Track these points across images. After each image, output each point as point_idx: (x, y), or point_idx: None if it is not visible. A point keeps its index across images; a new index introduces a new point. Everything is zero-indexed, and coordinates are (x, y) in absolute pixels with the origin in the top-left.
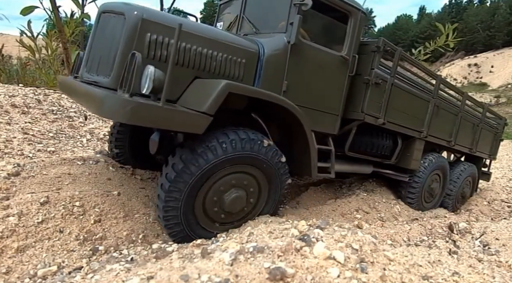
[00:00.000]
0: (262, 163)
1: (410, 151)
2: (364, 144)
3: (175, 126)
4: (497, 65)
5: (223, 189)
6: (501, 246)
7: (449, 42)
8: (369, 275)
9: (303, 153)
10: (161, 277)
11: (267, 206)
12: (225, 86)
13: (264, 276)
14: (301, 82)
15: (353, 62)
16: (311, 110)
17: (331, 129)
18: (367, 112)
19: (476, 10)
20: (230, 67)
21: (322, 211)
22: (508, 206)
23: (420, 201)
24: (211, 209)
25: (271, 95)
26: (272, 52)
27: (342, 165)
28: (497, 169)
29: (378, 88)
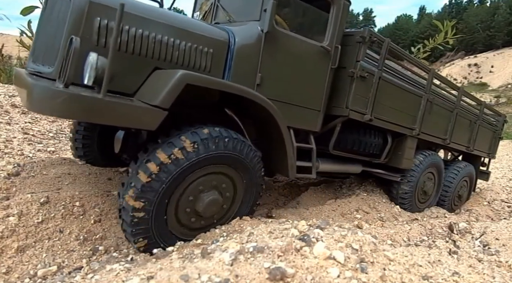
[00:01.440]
0: (237, 162)
1: (402, 149)
2: (351, 142)
3: (121, 121)
4: (497, 65)
5: (197, 192)
6: (501, 246)
7: (448, 39)
8: (369, 275)
9: (280, 152)
10: (161, 277)
11: (241, 208)
12: (181, 77)
13: (264, 276)
14: (277, 74)
15: (335, 53)
16: (289, 105)
17: (312, 126)
18: (352, 108)
19: (476, 10)
20: (195, 57)
21: (322, 211)
22: (508, 206)
23: (413, 202)
24: (184, 215)
25: (236, 87)
26: (244, 42)
27: (327, 164)
28: (497, 169)
29: (364, 82)
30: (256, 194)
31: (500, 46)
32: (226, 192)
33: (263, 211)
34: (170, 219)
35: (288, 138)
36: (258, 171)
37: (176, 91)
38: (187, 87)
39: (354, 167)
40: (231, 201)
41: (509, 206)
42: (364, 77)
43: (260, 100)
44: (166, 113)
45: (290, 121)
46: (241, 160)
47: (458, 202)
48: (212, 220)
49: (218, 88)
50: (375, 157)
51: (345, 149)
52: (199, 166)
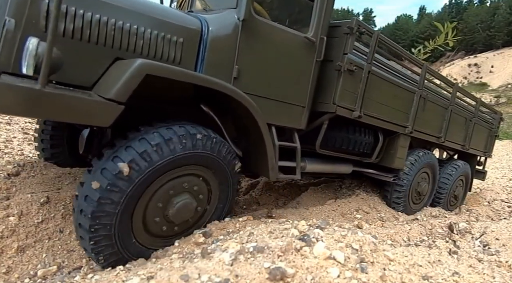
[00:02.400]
0: (211, 162)
1: (394, 148)
2: (339, 141)
3: (67, 117)
4: (497, 65)
5: (166, 197)
6: (501, 246)
7: (449, 40)
8: (369, 275)
9: (260, 151)
10: (161, 277)
11: (216, 212)
12: (139, 67)
13: (264, 276)
14: (256, 67)
15: (321, 45)
16: (270, 100)
17: (297, 123)
18: (340, 104)
19: (476, 10)
20: (162, 47)
21: (322, 211)
22: (508, 206)
23: (407, 203)
24: (153, 222)
25: (203, 78)
26: (218, 31)
27: (315, 164)
28: (497, 169)
29: (353, 77)
30: (232, 195)
31: (500, 46)
32: (199, 194)
33: (263, 211)
34: (137, 230)
35: (268, 137)
36: (234, 171)
37: (133, 82)
38: (151, 79)
39: (344, 167)
40: (205, 203)
41: (509, 206)
42: (352, 71)
43: (233, 93)
44: (122, 108)
45: (271, 118)
46: (214, 159)
47: (454, 202)
48: (187, 224)
49: (182, 79)
50: (365, 156)
51: (334, 147)
52: (165, 170)
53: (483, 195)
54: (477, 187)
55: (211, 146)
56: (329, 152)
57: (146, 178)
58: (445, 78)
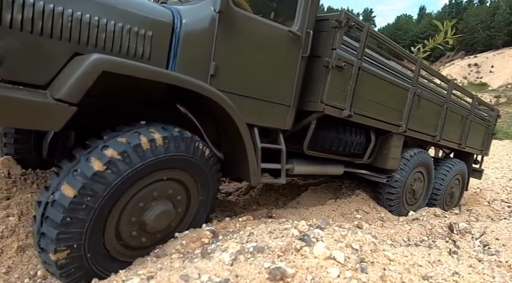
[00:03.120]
0: (190, 165)
1: (387, 148)
2: (329, 141)
3: (8, 120)
4: (497, 65)
5: (142, 205)
6: (501, 246)
7: (448, 39)
8: (369, 275)
9: (240, 154)
10: (161, 277)
11: (196, 217)
12: (94, 63)
13: (264, 276)
14: (235, 64)
15: (307, 39)
16: (251, 99)
17: (281, 123)
18: (328, 103)
19: (476, 10)
20: (128, 41)
21: (322, 211)
22: (508, 206)
23: (401, 204)
24: (128, 234)
25: (170, 75)
26: (192, 23)
27: (303, 166)
28: (497, 169)
29: (342, 73)
30: (212, 200)
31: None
32: (178, 200)
33: (263, 211)
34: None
35: (248, 138)
36: (215, 175)
37: (87, 81)
38: (118, 78)
39: (334, 168)
40: (184, 210)
41: (509, 206)
42: (341, 68)
43: (206, 92)
44: (74, 109)
45: (252, 118)
46: (192, 162)
47: (450, 202)
48: (168, 231)
49: (145, 77)
50: (357, 157)
51: (323, 148)
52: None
53: (483, 195)
54: (477, 187)
55: (187, 148)
56: (318, 153)
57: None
58: (440, 75)
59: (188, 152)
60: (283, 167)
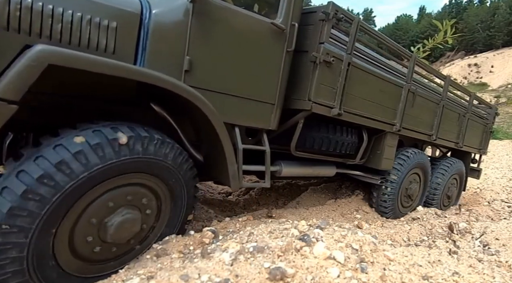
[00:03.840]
0: (161, 169)
1: (380, 147)
2: (318, 141)
3: None
4: (497, 65)
5: (102, 212)
6: (501, 246)
7: (448, 38)
8: (369, 275)
9: (219, 156)
10: (161, 277)
11: (169, 225)
12: (37, 55)
13: (264, 276)
14: (212, 58)
15: (292, 33)
16: (231, 97)
17: (265, 123)
18: (316, 101)
19: (476, 10)
20: (88, 33)
21: (322, 211)
22: (508, 206)
23: (395, 207)
24: (84, 245)
25: (134, 71)
26: (163, 14)
27: (292, 167)
28: (497, 169)
29: (330, 69)
30: (187, 207)
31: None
32: (146, 208)
33: (263, 211)
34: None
35: (226, 139)
36: (190, 181)
37: (29, 75)
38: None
39: (326, 169)
40: (154, 219)
41: (509, 206)
42: (330, 63)
43: (177, 89)
44: (13, 108)
45: (232, 118)
46: (163, 166)
47: (448, 202)
48: (128, 246)
49: (101, 71)
50: (349, 158)
51: (312, 149)
52: (97, 180)
53: (483, 195)
54: (477, 187)
55: (156, 150)
56: (307, 154)
57: (79, 185)
58: (436, 71)
59: (158, 154)
60: (267, 169)
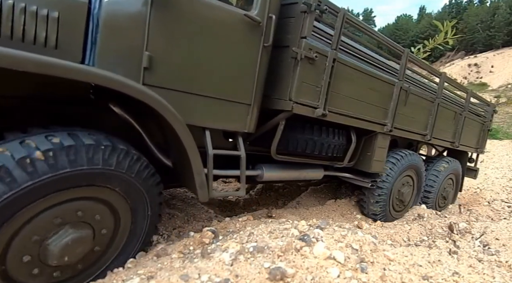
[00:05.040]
0: (113, 180)
1: (371, 149)
2: (302, 144)
3: None
4: (497, 65)
5: (44, 230)
6: (501, 246)
7: (448, 39)
8: (369, 275)
9: (185, 162)
10: (161, 277)
11: (128, 243)
12: None
13: (264, 276)
14: (177, 54)
15: (269, 26)
16: (199, 97)
17: (240, 125)
18: (298, 100)
19: (476, 10)
20: (23, 25)
21: (322, 211)
22: (508, 206)
23: (387, 211)
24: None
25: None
26: (117, 3)
27: (275, 171)
28: (497, 169)
29: (314, 66)
30: (152, 216)
31: (500, 46)
32: (100, 226)
33: (263, 211)
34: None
35: (190, 144)
36: (152, 188)
37: None
38: None
39: (312, 172)
40: (109, 237)
41: (509, 206)
42: (313, 59)
43: (125, 88)
44: None
45: (202, 120)
46: (121, 178)
47: (444, 203)
48: (75, 269)
49: (22, 68)
50: (337, 160)
51: (296, 152)
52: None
53: (483, 195)
54: (477, 187)
55: (105, 159)
56: (289, 157)
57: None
58: (431, 68)
59: (108, 164)
60: (242, 175)
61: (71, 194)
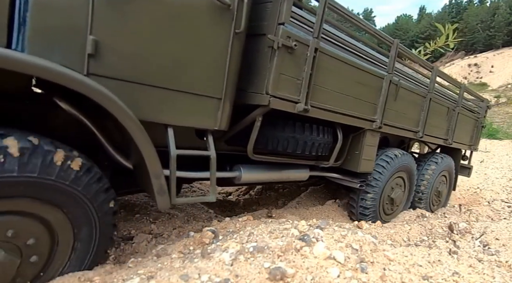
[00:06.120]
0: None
1: (359, 147)
2: (283, 142)
3: None
4: (497, 65)
5: None
6: (501, 246)
7: (450, 42)
8: (369, 275)
9: (141, 165)
10: (161, 277)
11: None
12: None
13: (264, 276)
14: (128, 39)
15: (240, 10)
16: (158, 89)
17: (209, 122)
18: (275, 94)
19: (476, 10)
20: None
21: (322, 211)
22: (508, 206)
23: (377, 214)
24: None
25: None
26: None
27: (254, 172)
28: (497, 169)
29: (293, 56)
30: (102, 238)
31: (500, 46)
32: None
33: (263, 211)
34: None
35: (144, 142)
36: (98, 196)
37: None
38: None
39: (297, 173)
40: (45, 260)
41: (509, 206)
42: (292, 49)
43: (58, 77)
44: None
45: (159, 116)
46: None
47: (437, 202)
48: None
49: None
50: (322, 160)
51: (276, 151)
52: None
53: (483, 195)
54: (477, 187)
55: (23, 165)
56: (269, 157)
57: None
58: (422, 60)
59: (30, 170)
60: (212, 178)
61: None
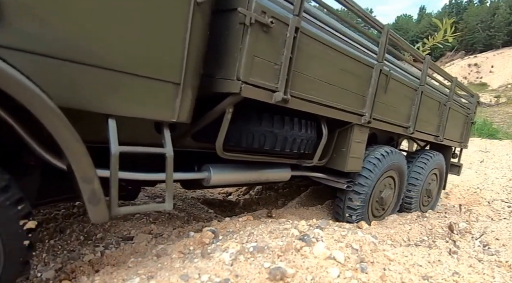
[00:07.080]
0: None
1: (346, 144)
2: (259, 138)
3: None
4: (497, 65)
5: None
6: (501, 246)
7: (448, 37)
8: (369, 275)
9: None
10: (161, 277)
11: None
12: None
13: (264, 276)
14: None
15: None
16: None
17: (164, 112)
18: (248, 80)
19: (476, 10)
20: None
21: (322, 211)
22: (508, 206)
23: (365, 216)
24: None
25: None
26: None
27: (227, 172)
28: (497, 169)
29: (270, 36)
30: (9, 266)
31: (500, 46)
32: None
33: (263, 211)
34: None
35: (67, 137)
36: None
37: None
38: None
39: (276, 173)
40: None
41: (509, 206)
42: (268, 26)
43: None
44: None
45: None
46: None
47: (428, 202)
48: None
49: None
50: (305, 158)
51: (251, 148)
52: None
53: (483, 195)
54: (477, 187)
55: None
56: (243, 155)
57: None
58: (414, 49)
59: None
60: (168, 181)
61: None
